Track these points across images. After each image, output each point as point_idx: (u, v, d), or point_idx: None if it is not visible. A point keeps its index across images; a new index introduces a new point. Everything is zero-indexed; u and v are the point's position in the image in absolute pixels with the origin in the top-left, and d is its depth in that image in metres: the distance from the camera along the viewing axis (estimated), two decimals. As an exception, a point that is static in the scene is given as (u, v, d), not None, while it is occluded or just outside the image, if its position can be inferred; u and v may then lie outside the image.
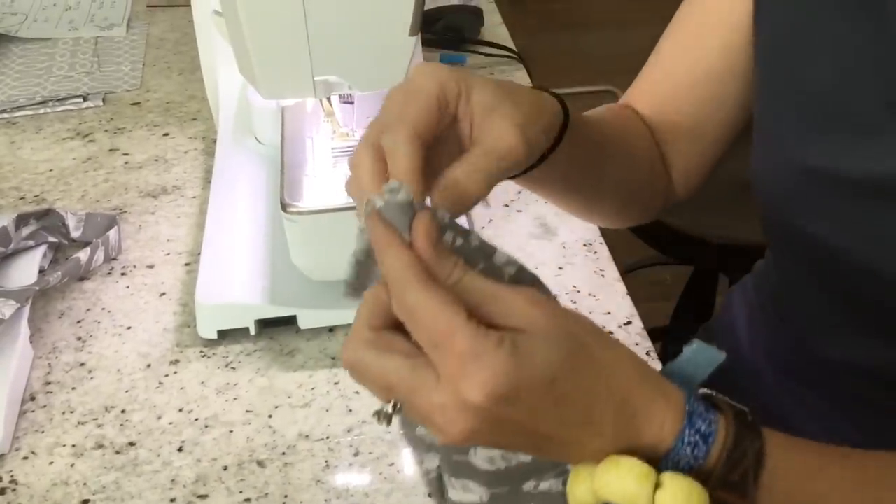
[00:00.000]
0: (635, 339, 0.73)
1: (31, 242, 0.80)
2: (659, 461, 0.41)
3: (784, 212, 0.62)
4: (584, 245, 0.83)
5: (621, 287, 0.78)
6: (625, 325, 0.74)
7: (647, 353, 0.71)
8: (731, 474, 0.41)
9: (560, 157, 0.54)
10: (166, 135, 1.01)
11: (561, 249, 0.83)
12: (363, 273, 0.46)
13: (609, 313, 0.75)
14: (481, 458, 0.46)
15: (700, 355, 0.45)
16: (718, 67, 0.66)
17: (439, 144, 0.47)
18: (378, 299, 0.43)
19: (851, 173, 0.55)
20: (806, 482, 0.43)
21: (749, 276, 0.81)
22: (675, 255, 1.44)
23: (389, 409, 0.41)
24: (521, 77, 1.12)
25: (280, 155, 0.76)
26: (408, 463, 0.64)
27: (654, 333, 0.76)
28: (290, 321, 0.74)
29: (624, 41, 0.72)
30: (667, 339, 1.46)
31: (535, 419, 0.41)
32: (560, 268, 0.80)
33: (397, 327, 0.42)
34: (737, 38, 0.64)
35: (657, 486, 0.40)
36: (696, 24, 0.67)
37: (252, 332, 0.74)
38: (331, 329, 0.75)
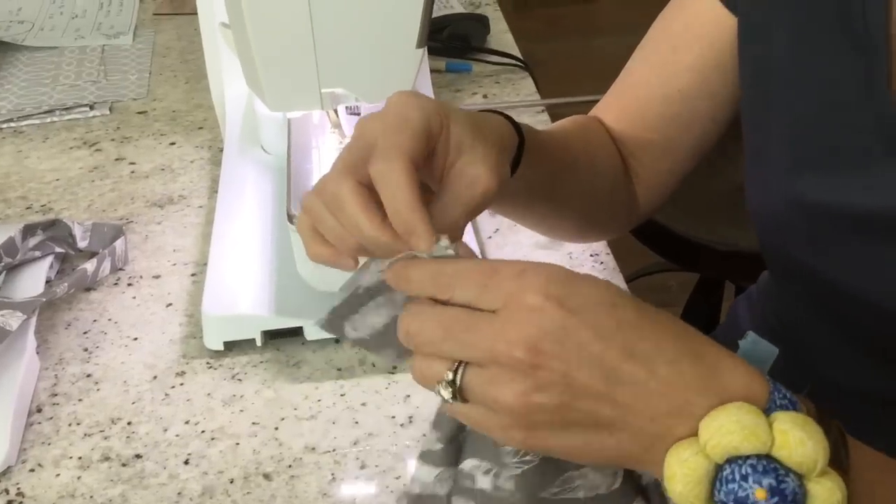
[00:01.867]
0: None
1: (37, 253, 0.80)
2: None
3: (777, 240, 0.61)
4: (591, 255, 0.83)
5: (620, 279, 0.78)
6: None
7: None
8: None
9: (516, 179, 0.54)
10: (173, 144, 1.01)
11: (567, 259, 0.83)
12: (349, 309, 0.46)
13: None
14: None
15: (756, 349, 0.43)
16: (690, 86, 0.65)
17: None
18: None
19: (842, 207, 0.54)
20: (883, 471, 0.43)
21: (754, 287, 0.81)
22: (681, 262, 1.44)
23: (450, 374, 0.41)
24: (527, 85, 1.12)
25: (286, 165, 0.76)
26: (414, 476, 0.64)
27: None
28: (296, 332, 0.74)
29: (630, 49, 0.72)
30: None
31: (602, 339, 0.39)
32: (567, 278, 0.80)
33: None
34: (711, 57, 0.64)
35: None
36: (669, 41, 0.66)
37: (258, 343, 0.74)
38: (337, 340, 0.75)
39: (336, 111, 0.74)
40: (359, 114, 0.75)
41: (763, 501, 0.37)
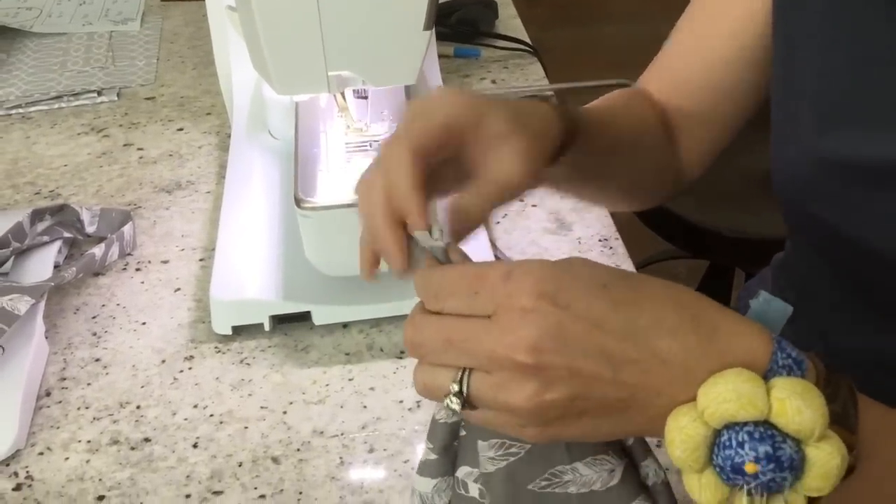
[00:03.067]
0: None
1: (46, 238, 0.80)
2: None
3: (801, 201, 0.61)
4: (600, 240, 0.83)
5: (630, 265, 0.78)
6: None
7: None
8: (832, 404, 0.39)
9: (563, 163, 0.54)
10: (180, 130, 1.01)
11: (576, 244, 0.82)
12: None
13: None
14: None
15: (769, 308, 0.43)
16: (732, 55, 0.66)
17: (445, 165, 0.48)
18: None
19: (871, 161, 0.55)
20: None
21: (768, 269, 0.81)
22: (690, 249, 1.43)
23: (455, 386, 0.41)
24: (535, 70, 1.11)
25: (294, 150, 0.76)
26: (422, 459, 0.64)
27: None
28: (304, 317, 0.74)
29: (638, 34, 0.71)
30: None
31: (599, 326, 0.39)
32: (575, 263, 0.80)
33: None
34: (751, 27, 0.65)
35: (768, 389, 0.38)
36: (710, 11, 0.68)
37: (266, 327, 0.74)
38: (345, 325, 0.75)
39: (343, 95, 0.74)
40: (366, 97, 0.75)
41: (753, 474, 0.37)
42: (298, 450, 0.65)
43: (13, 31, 1.21)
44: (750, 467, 0.37)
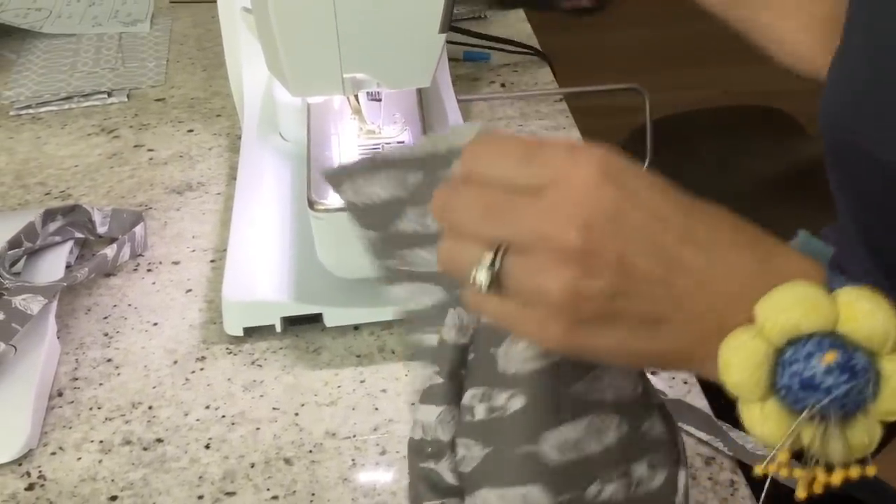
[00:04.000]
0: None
1: (57, 238, 0.80)
2: None
3: (848, 137, 0.60)
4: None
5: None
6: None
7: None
8: None
9: None
10: (191, 131, 1.01)
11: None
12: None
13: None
14: (552, 444, 0.41)
15: (808, 248, 0.41)
16: None
17: None
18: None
19: None
20: None
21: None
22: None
23: (489, 256, 0.36)
24: (544, 74, 1.11)
25: (306, 152, 0.76)
26: (434, 462, 0.64)
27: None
28: (315, 319, 0.74)
29: (648, 39, 0.72)
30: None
31: (662, 220, 0.36)
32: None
33: None
34: None
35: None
36: None
37: (278, 329, 0.74)
38: (356, 327, 0.75)
39: (357, 97, 0.74)
40: (380, 100, 0.75)
41: (832, 364, 0.33)
42: (311, 451, 0.65)
43: (23, 32, 1.22)
44: (829, 356, 0.33)
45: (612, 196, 0.35)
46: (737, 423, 0.61)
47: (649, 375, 0.44)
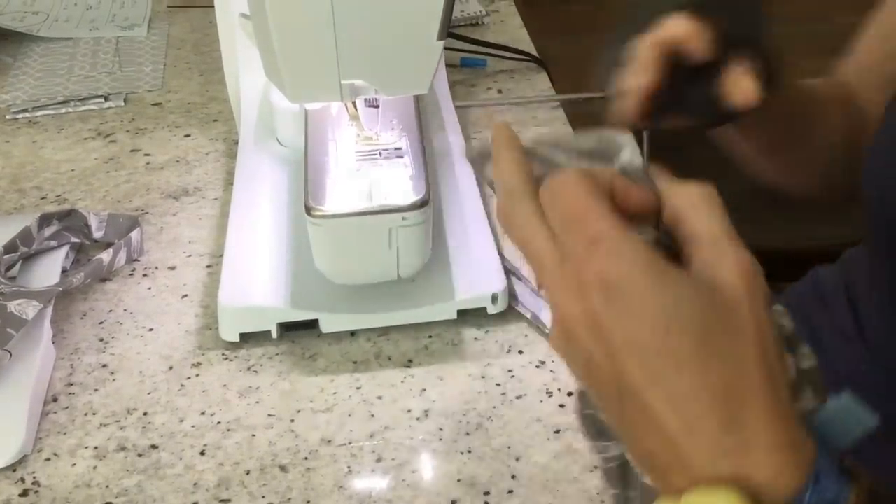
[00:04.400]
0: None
1: (53, 243, 0.80)
2: None
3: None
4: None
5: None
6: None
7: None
8: None
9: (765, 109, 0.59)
10: (187, 136, 1.01)
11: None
12: None
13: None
14: None
15: (849, 414, 0.37)
16: None
17: None
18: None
19: None
20: None
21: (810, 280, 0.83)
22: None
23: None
24: (541, 80, 1.11)
25: (304, 158, 0.76)
26: (429, 469, 0.64)
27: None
28: (312, 325, 0.74)
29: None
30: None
31: (629, 347, 0.35)
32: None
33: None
34: None
35: None
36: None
37: (274, 335, 0.73)
38: (353, 333, 0.75)
39: (354, 103, 0.74)
40: (377, 106, 0.75)
41: None
42: (306, 458, 0.64)
43: (20, 36, 1.21)
44: None
45: (596, 311, 0.36)
46: None
47: None
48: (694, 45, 0.57)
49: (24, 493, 0.62)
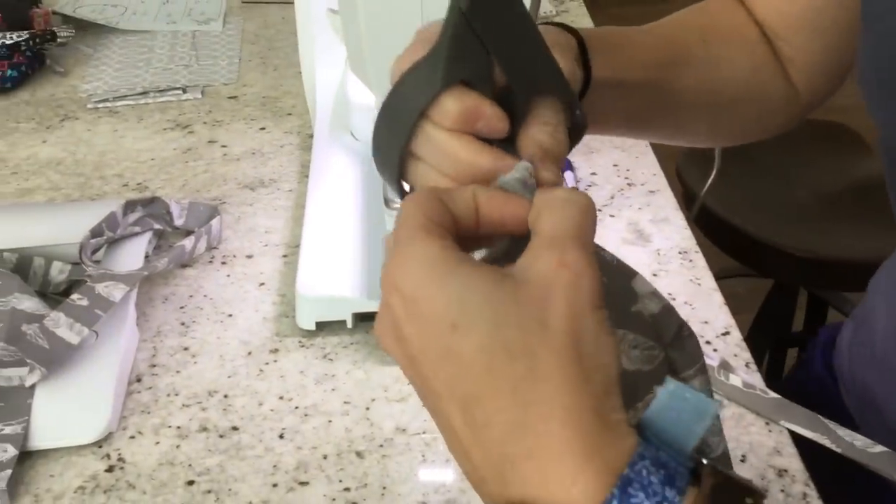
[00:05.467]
0: (734, 349, 0.72)
1: (137, 228, 0.82)
2: None
3: None
4: (680, 253, 0.83)
5: (718, 297, 0.78)
6: (723, 335, 0.74)
7: (747, 365, 0.71)
8: None
9: (599, 90, 0.52)
10: (262, 129, 1.03)
11: (655, 256, 0.82)
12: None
13: (706, 322, 0.75)
14: None
15: (682, 404, 0.32)
16: None
17: None
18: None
19: None
20: None
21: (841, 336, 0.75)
22: (755, 266, 1.42)
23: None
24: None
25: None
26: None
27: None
28: (386, 316, 0.75)
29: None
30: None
31: (422, 353, 0.34)
32: (654, 274, 0.80)
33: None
34: None
35: None
36: None
37: (349, 324, 0.75)
38: (425, 325, 0.75)
39: (435, 99, 0.75)
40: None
41: None
42: (381, 445, 0.66)
43: (99, 27, 1.25)
44: None
45: (395, 317, 0.35)
46: (843, 422, 0.60)
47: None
48: (486, 126, 0.42)
49: (110, 469, 0.64)
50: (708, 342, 0.73)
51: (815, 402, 0.67)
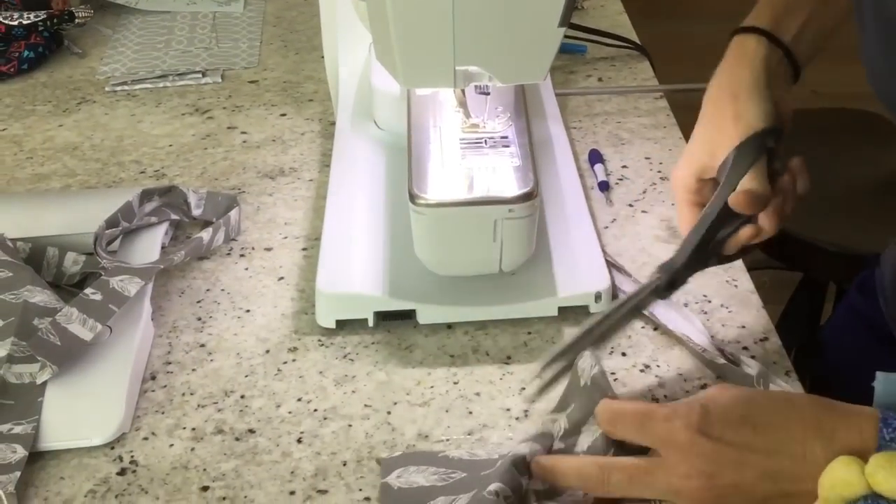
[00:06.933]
0: (773, 356, 0.69)
1: (153, 218, 0.80)
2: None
3: None
4: (715, 252, 0.79)
5: (756, 299, 0.74)
6: (761, 340, 0.71)
7: (787, 374, 0.68)
8: None
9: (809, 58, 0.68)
10: (283, 115, 1.00)
11: (689, 255, 0.79)
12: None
13: (744, 327, 0.72)
14: None
15: (892, 386, 0.53)
16: None
17: None
18: None
19: None
20: None
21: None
22: (784, 259, 1.39)
23: None
24: (644, 69, 1.08)
25: (407, 143, 0.74)
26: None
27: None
28: (408, 315, 0.72)
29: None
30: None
31: (747, 450, 0.50)
32: (689, 275, 0.77)
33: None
34: None
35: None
36: None
37: (370, 323, 0.72)
38: (449, 326, 0.73)
39: (463, 90, 0.72)
40: (488, 93, 0.72)
41: None
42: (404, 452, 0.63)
43: (118, 7, 1.22)
44: None
45: (708, 446, 0.51)
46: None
47: None
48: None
49: (122, 472, 0.62)
50: (745, 348, 0.70)
51: (862, 325, 0.85)
